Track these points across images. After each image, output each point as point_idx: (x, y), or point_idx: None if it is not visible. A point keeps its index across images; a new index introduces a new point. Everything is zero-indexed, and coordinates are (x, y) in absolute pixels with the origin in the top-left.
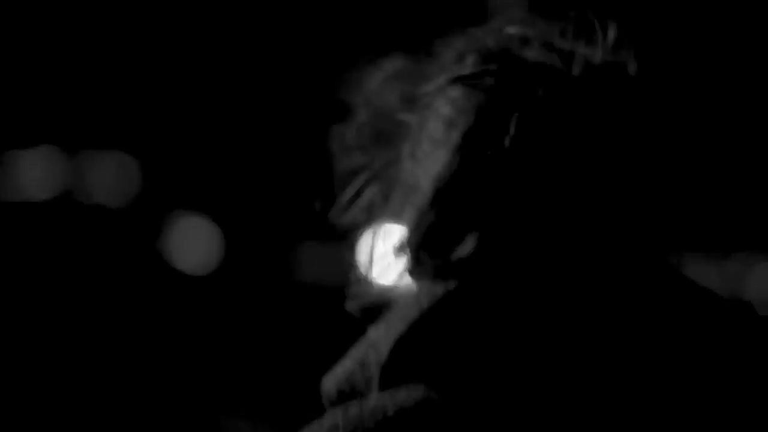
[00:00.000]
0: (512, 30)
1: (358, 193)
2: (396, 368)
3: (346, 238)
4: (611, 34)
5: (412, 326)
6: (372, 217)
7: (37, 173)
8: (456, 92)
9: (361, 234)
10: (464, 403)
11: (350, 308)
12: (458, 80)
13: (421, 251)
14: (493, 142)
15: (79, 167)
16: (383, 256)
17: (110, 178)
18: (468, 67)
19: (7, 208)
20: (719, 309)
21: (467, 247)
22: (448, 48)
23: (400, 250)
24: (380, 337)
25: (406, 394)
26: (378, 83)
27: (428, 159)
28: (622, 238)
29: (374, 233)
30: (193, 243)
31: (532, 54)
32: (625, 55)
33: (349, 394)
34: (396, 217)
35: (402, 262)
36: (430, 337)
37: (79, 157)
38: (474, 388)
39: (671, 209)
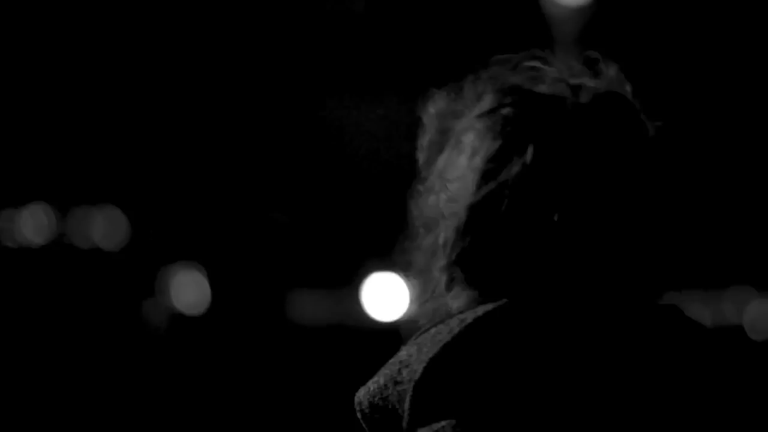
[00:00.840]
0: (527, 66)
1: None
2: (429, 386)
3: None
4: (612, 69)
5: (445, 347)
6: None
7: (31, 226)
8: (479, 125)
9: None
10: None
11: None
12: (480, 116)
13: (455, 268)
14: (513, 165)
15: (71, 221)
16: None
17: (100, 229)
18: (487, 103)
19: (7, 252)
20: (714, 343)
21: (495, 260)
22: (472, 86)
23: (439, 270)
24: (413, 358)
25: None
26: (428, 120)
27: (455, 186)
28: (632, 259)
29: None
30: (185, 287)
31: (544, 87)
32: (624, 86)
33: (381, 407)
34: (425, 246)
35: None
36: (462, 359)
37: (71, 213)
38: (503, 416)
39: (671, 233)
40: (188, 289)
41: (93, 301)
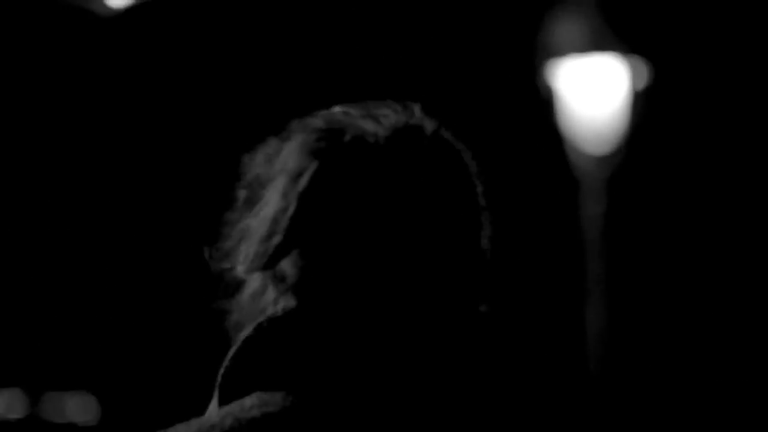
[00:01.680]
0: (337, 109)
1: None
2: (235, 373)
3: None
4: (416, 109)
5: (245, 340)
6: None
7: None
8: (290, 162)
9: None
10: (296, 402)
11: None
12: (284, 166)
13: (265, 277)
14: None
15: (43, 407)
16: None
17: (70, 415)
18: (298, 140)
19: None
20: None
21: (295, 271)
22: (295, 130)
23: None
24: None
25: (244, 402)
26: (257, 164)
27: (262, 208)
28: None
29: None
30: None
31: (351, 124)
32: (424, 120)
33: None
34: (235, 257)
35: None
36: (262, 348)
37: (43, 398)
38: (300, 393)
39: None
40: None
41: None
